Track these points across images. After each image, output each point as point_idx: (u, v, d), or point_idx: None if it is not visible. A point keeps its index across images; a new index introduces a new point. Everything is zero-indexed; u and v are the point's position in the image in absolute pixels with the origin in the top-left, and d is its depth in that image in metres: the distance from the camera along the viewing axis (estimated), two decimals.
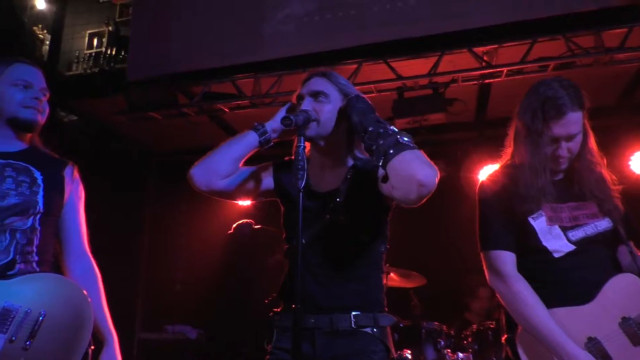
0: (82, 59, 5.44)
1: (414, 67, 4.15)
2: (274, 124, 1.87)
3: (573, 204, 1.85)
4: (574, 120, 1.80)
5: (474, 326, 3.86)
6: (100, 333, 1.88)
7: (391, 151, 1.52)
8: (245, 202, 4.92)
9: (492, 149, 2.22)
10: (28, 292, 1.69)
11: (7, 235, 1.73)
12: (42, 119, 1.91)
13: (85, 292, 1.78)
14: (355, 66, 4.18)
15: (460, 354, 3.70)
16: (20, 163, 1.84)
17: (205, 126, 5.19)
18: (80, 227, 1.97)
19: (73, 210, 1.95)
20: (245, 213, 5.10)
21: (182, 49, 4.61)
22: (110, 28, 5.41)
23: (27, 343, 1.62)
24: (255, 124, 1.86)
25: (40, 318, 1.66)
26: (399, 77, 4.14)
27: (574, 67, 3.89)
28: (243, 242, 4.74)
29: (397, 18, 4.01)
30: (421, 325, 3.80)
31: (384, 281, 1.87)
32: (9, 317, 1.64)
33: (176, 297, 5.74)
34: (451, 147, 5.30)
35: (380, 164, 1.56)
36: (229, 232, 4.46)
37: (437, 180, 1.49)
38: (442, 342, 3.74)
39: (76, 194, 1.97)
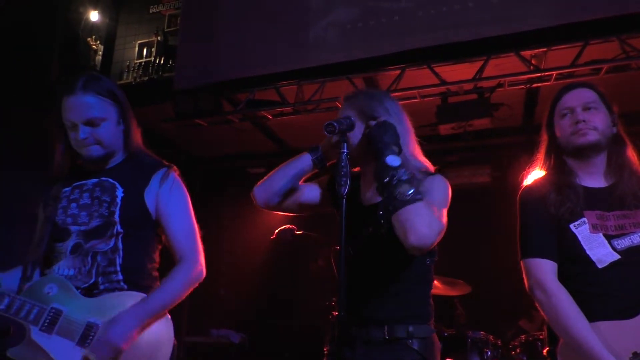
0: (132, 69, 5.65)
1: (459, 71, 4.09)
2: (325, 143, 1.92)
3: (619, 212, 1.77)
4: (585, 94, 1.86)
5: (523, 337, 3.73)
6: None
7: (390, 207, 1.56)
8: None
9: None
10: (110, 310, 1.71)
11: (89, 259, 1.76)
12: (101, 150, 1.86)
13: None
14: (398, 72, 4.15)
15: None
16: (109, 180, 1.85)
17: (249, 133, 5.28)
18: (177, 228, 1.87)
19: (166, 212, 1.87)
20: (288, 219, 5.14)
21: (227, 57, 4.71)
22: (159, 38, 5.59)
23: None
24: (312, 146, 1.94)
25: None
26: (443, 82, 4.08)
27: (629, 69, 3.74)
28: (285, 247, 4.78)
29: (442, 23, 3.97)
30: (466, 335, 3.71)
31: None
32: (90, 332, 1.69)
33: (220, 301, 5.84)
34: (497, 153, 5.18)
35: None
36: (272, 237, 4.50)
37: (435, 237, 1.53)
38: (489, 353, 3.63)
39: (167, 196, 1.87)
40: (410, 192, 1.55)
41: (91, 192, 1.83)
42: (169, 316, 1.80)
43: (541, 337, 3.63)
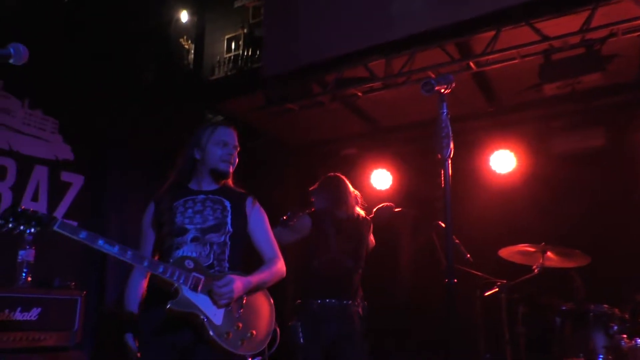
0: (222, 63, 5.83)
1: (562, 25, 3.72)
2: None
3: None
4: None
5: None
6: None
7: None
8: None
9: None
10: None
11: (207, 246, 2.33)
12: (232, 169, 2.52)
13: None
14: (493, 33, 3.89)
15: None
16: (216, 196, 2.46)
17: (340, 114, 5.24)
18: (264, 239, 2.54)
19: (256, 228, 2.52)
20: (386, 198, 5.05)
21: (312, 39, 4.69)
22: (245, 31, 5.71)
23: (239, 312, 2.28)
24: None
25: (245, 297, 2.32)
26: (545, 38, 3.75)
27: None
28: (384, 225, 4.70)
29: None
30: (588, 309, 3.43)
31: None
32: None
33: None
34: (611, 112, 4.68)
35: None
36: (370, 216, 4.44)
37: None
38: (615, 327, 3.33)
39: (257, 216, 2.53)
40: None
41: (202, 203, 2.42)
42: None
43: None
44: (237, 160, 2.54)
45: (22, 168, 3.80)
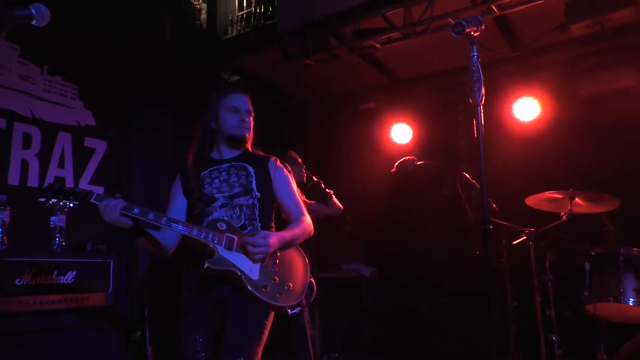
0: (235, 21, 5.71)
1: None
2: None
3: None
4: None
5: None
6: None
7: None
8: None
9: None
10: None
11: (237, 209, 2.45)
12: (249, 133, 2.60)
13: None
14: None
15: None
16: (239, 163, 2.56)
17: (358, 67, 5.14)
18: (289, 199, 2.61)
19: (281, 188, 2.59)
20: (407, 152, 5.01)
21: None
22: None
23: (274, 266, 2.38)
24: None
25: (279, 252, 2.41)
26: None
27: None
28: (406, 179, 4.69)
29: None
30: (618, 252, 3.40)
31: None
32: None
33: (347, 237, 5.94)
34: None
35: None
36: (392, 170, 4.43)
37: None
38: None
39: (281, 177, 2.61)
40: None
41: (227, 172, 2.52)
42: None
43: None
44: (252, 124, 2.61)
45: (46, 135, 3.82)
